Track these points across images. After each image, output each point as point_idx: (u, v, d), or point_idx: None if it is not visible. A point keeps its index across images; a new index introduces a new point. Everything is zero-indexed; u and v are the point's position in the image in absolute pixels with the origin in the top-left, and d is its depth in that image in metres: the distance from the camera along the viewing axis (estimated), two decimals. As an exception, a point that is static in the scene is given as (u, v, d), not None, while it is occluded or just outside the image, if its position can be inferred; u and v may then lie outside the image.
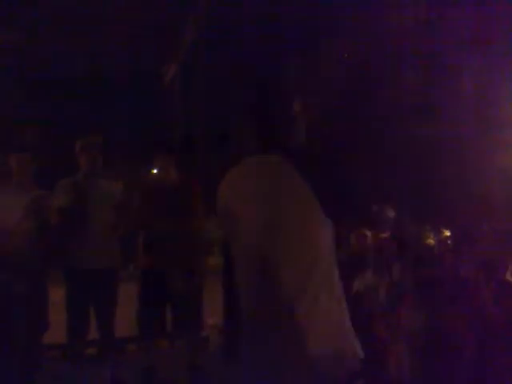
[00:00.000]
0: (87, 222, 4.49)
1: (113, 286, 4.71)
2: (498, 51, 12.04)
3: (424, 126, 13.31)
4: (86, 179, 4.66)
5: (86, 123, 11.78)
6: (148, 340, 4.88)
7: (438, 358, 4.36)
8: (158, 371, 4.76)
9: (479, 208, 13.05)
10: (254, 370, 2.09)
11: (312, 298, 1.99)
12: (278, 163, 2.09)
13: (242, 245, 2.13)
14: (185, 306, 4.78)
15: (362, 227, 6.09)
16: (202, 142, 7.22)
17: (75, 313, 4.55)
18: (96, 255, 4.53)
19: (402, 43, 12.45)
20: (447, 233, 13.23)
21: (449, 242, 9.73)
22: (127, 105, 13.65)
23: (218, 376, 4.66)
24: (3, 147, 4.95)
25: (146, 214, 4.74)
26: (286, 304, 1.99)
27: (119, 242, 4.77)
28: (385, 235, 6.78)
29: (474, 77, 12.77)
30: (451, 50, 12.61)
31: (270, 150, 2.12)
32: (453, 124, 13.10)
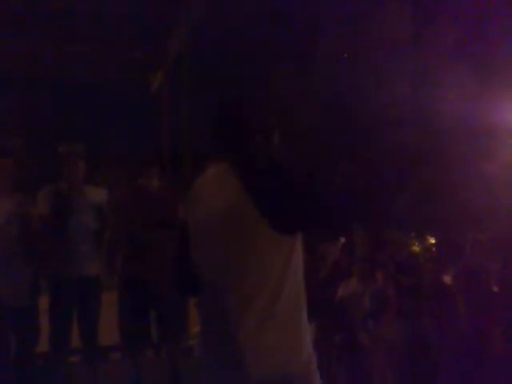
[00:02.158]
0: (70, 230, 4.47)
1: (96, 294, 4.68)
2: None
3: (403, 134, 13.36)
4: (68, 186, 4.64)
5: (70, 131, 11.76)
6: (131, 349, 4.86)
7: (419, 366, 4.38)
8: (142, 381, 4.74)
9: (464, 216, 13.11)
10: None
11: (256, 319, 1.98)
12: (224, 173, 2.08)
13: (196, 250, 2.15)
14: (170, 315, 4.78)
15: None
16: (188, 151, 7.21)
17: (58, 320, 4.52)
18: (79, 263, 4.51)
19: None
20: (432, 240, 13.26)
21: (433, 249, 9.77)
22: (113, 113, 13.63)
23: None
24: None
25: (128, 222, 4.74)
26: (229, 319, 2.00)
27: (104, 250, 4.75)
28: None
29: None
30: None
31: (225, 159, 2.12)
32: (438, 132, 13.16)
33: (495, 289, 5.44)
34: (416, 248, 11.15)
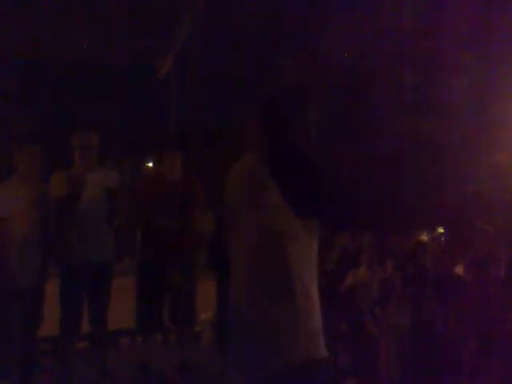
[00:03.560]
0: (81, 214, 4.47)
1: (107, 279, 4.69)
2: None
3: (417, 123, 13.30)
4: (80, 172, 4.62)
5: (81, 116, 11.78)
6: (145, 334, 4.89)
7: (426, 354, 4.39)
8: (151, 366, 4.76)
9: (473, 206, 13.09)
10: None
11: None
12: (258, 163, 2.16)
13: (238, 232, 2.19)
14: (182, 300, 4.81)
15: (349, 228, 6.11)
16: (197, 137, 7.22)
17: (69, 306, 4.54)
18: (91, 247, 4.51)
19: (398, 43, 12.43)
20: (440, 230, 13.25)
21: (442, 239, 9.76)
22: (122, 98, 13.64)
23: (209, 371, 4.67)
24: (9, 139, 4.94)
25: (147, 208, 4.75)
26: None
27: (114, 235, 4.75)
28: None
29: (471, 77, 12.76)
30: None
31: (258, 150, 2.20)
32: (447, 122, 13.11)
33: (504, 278, 5.44)
34: (424, 237, 11.14)
